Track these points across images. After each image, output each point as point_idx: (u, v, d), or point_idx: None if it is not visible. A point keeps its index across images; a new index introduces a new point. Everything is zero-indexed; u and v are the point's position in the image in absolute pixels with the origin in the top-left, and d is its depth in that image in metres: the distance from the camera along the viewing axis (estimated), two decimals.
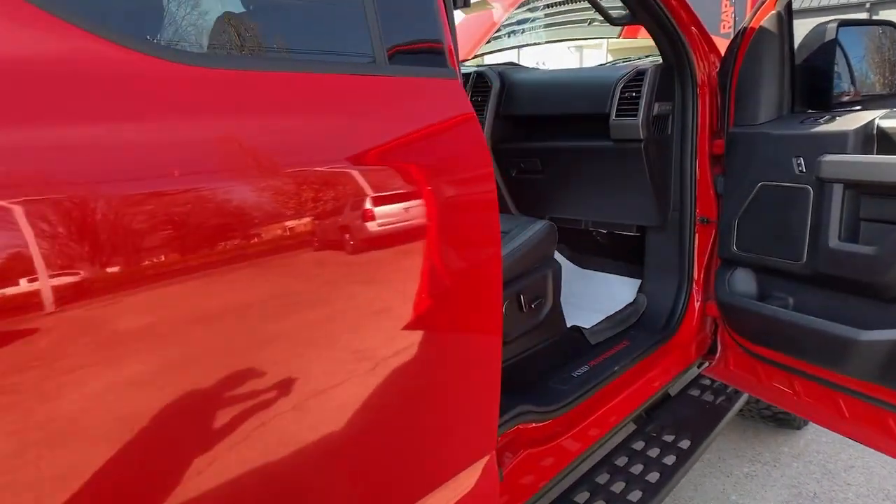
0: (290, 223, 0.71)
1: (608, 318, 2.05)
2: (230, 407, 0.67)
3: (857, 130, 1.45)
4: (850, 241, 1.47)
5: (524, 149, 2.15)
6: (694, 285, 1.98)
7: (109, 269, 0.55)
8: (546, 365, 1.65)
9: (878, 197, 1.44)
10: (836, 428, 1.65)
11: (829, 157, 1.48)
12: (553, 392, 1.53)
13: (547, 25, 2.72)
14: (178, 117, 0.64)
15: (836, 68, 1.70)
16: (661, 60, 1.90)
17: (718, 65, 1.88)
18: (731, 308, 1.76)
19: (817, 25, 1.74)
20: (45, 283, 0.51)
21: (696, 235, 1.94)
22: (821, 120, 1.56)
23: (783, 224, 1.60)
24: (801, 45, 1.81)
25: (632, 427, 1.84)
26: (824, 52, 1.70)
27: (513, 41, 2.74)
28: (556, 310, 1.75)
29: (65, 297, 0.52)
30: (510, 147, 2.19)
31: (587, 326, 1.96)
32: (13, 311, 0.50)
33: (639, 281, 2.17)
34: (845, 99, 1.73)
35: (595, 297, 2.25)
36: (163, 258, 0.59)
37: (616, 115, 1.86)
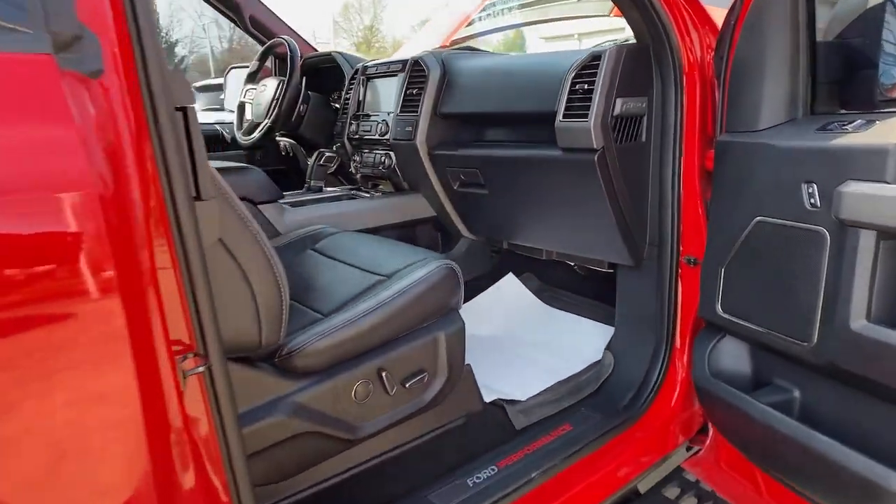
0: None
1: (559, 383, 1.55)
2: None
3: None
4: (885, 323, 0.92)
5: (461, 157, 1.67)
6: (676, 346, 1.44)
7: None
8: (431, 468, 1.18)
9: None
10: None
11: (855, 187, 0.93)
12: None
13: (522, 5, 2.20)
14: None
15: (885, 47, 1.13)
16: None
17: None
18: (711, 398, 1.23)
19: None
20: None
21: (681, 280, 1.41)
22: (849, 126, 1.00)
23: (784, 283, 1.06)
24: (834, 16, 1.24)
25: None
26: (867, 22, 1.13)
27: (486, 25, 2.25)
28: (459, 384, 1.27)
29: None
30: (446, 154, 1.71)
31: (523, 398, 1.47)
32: None
33: (612, 330, 1.65)
34: None
35: (556, 348, 1.74)
36: None
37: (563, 116, 1.35)
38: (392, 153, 1.84)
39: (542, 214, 1.60)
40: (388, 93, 1.88)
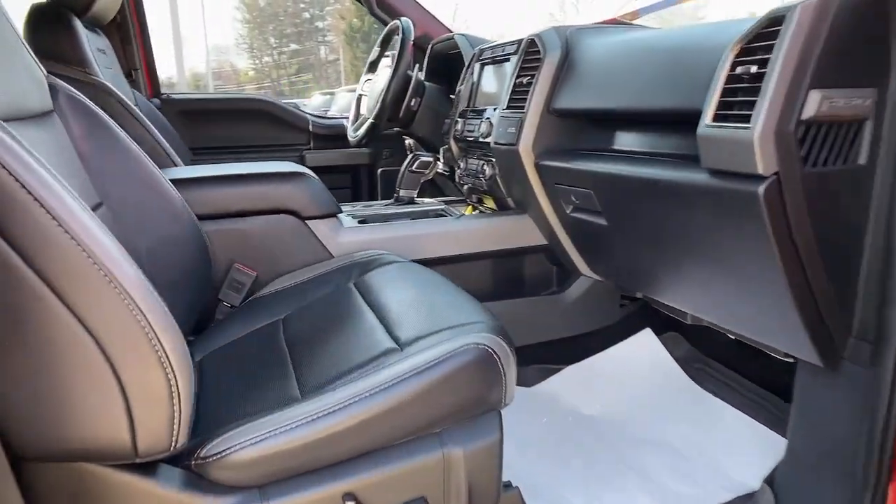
0: None
1: None
2: None
3: None
4: None
5: (573, 171, 1.20)
6: None
7: None
8: None
9: None
10: None
11: None
12: None
13: None
14: None
15: None
16: None
17: None
18: None
19: None
20: None
21: None
22: None
23: None
24: None
25: None
26: None
27: None
28: None
29: None
30: (555, 166, 1.25)
31: None
32: None
33: (783, 443, 1.06)
34: None
35: (689, 458, 1.19)
36: None
37: (713, 119, 0.83)
38: (494, 161, 1.44)
39: (680, 264, 1.07)
40: (502, 82, 1.48)
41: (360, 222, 1.40)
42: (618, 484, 1.12)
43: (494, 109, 1.43)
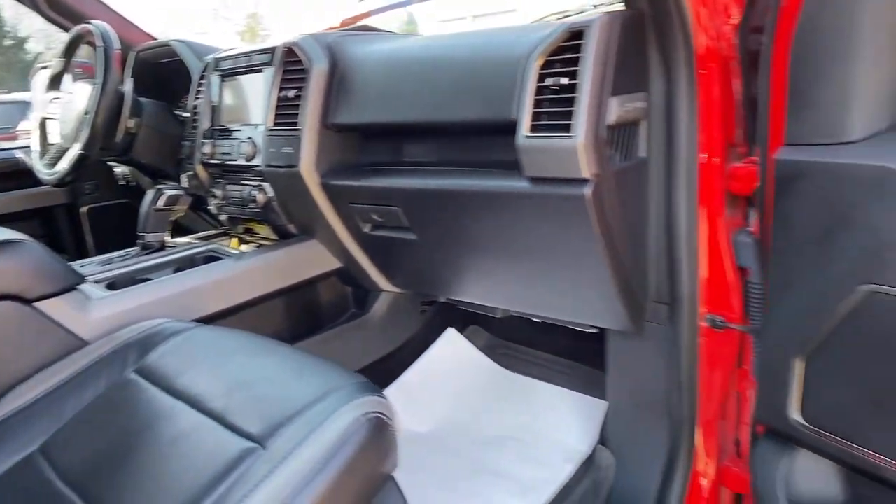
0: None
1: None
2: None
3: None
4: None
5: (371, 189, 1.15)
6: (700, 445, 1.02)
7: None
8: None
9: None
10: None
11: None
12: None
13: None
14: None
15: None
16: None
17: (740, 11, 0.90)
18: None
19: None
20: None
21: (702, 350, 0.98)
22: None
23: None
24: None
25: None
26: None
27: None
28: None
29: None
30: (347, 185, 1.17)
31: None
32: None
33: (604, 405, 1.20)
34: None
35: (530, 443, 1.27)
36: None
37: (531, 129, 0.87)
38: (266, 185, 1.28)
39: (499, 268, 1.11)
40: (254, 96, 1.31)
41: (108, 287, 1.10)
42: (475, 489, 1.13)
43: (257, 128, 1.26)
